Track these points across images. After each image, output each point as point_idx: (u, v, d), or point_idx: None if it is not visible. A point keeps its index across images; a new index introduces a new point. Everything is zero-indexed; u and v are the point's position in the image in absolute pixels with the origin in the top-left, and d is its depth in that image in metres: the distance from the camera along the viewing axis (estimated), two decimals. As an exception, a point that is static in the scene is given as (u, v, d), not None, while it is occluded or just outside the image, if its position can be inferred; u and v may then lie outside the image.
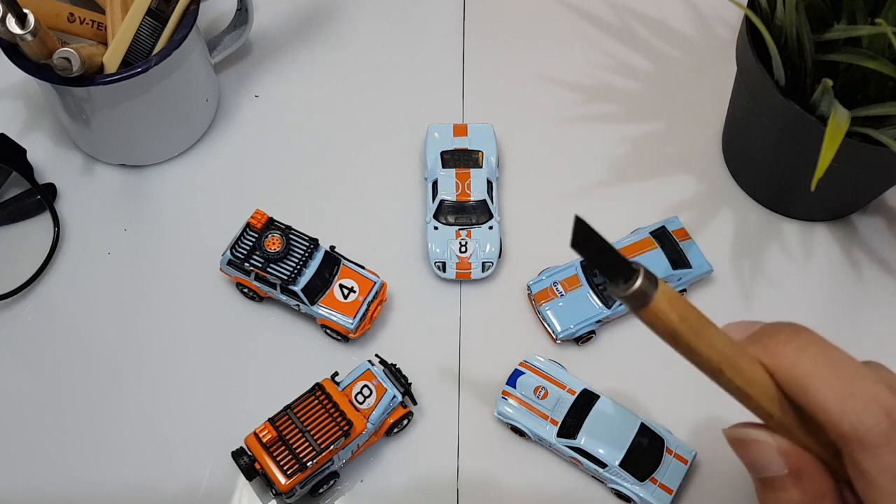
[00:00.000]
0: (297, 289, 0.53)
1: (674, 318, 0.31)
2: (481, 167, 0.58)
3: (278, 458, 0.47)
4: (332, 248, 0.55)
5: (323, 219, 0.59)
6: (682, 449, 0.50)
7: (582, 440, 0.49)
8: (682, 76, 0.65)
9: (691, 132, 0.63)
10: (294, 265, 0.53)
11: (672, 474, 0.50)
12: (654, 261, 0.54)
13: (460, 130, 0.60)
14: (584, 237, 0.32)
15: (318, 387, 0.50)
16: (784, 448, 0.33)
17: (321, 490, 0.50)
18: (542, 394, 0.52)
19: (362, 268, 0.54)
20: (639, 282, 0.30)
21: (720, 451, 0.52)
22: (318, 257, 0.54)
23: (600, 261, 0.31)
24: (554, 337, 0.54)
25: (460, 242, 0.56)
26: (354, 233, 0.58)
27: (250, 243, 0.53)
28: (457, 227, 0.57)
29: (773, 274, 0.58)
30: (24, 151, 0.59)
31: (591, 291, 0.54)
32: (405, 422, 0.52)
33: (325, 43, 0.67)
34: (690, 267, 0.55)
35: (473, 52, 0.66)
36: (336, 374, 0.51)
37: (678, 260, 0.55)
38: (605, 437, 0.50)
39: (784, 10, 0.48)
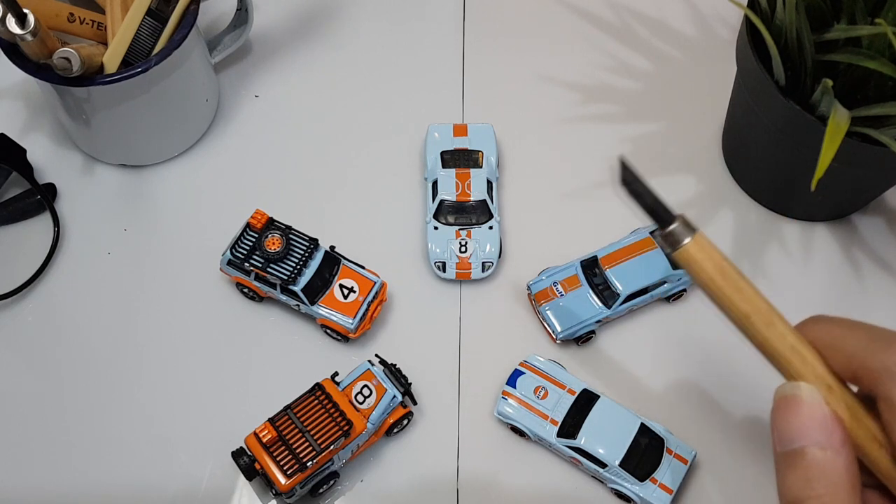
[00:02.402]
0: (297, 289, 0.53)
1: (706, 264, 0.34)
2: (481, 167, 0.58)
3: (278, 458, 0.47)
4: (332, 248, 0.55)
5: (323, 219, 0.59)
6: (682, 449, 0.50)
7: (582, 440, 0.49)
8: (682, 76, 0.65)
9: (691, 132, 0.63)
10: (294, 265, 0.53)
11: (672, 474, 0.50)
12: (654, 261, 0.54)
13: (460, 130, 0.60)
14: (629, 179, 0.35)
15: (318, 387, 0.50)
16: (828, 413, 0.33)
17: (321, 490, 0.50)
18: (542, 394, 0.52)
19: (362, 268, 0.54)
20: (673, 227, 0.34)
21: (720, 451, 0.52)
22: (318, 257, 0.54)
23: (644, 200, 0.35)
24: (554, 337, 0.54)
25: (460, 242, 0.56)
26: (354, 233, 0.58)
27: (250, 243, 0.53)
28: (457, 227, 0.57)
29: (773, 274, 0.58)
30: (24, 151, 0.59)
31: (591, 291, 0.54)
32: (405, 422, 0.52)
33: (325, 43, 0.67)
34: (690, 267, 0.55)
35: (473, 52, 0.66)
36: (336, 374, 0.51)
37: (678, 260, 0.55)
38: (605, 437, 0.50)
39: (784, 10, 0.48)
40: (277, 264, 0.53)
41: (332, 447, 0.48)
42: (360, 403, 0.50)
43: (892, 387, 0.32)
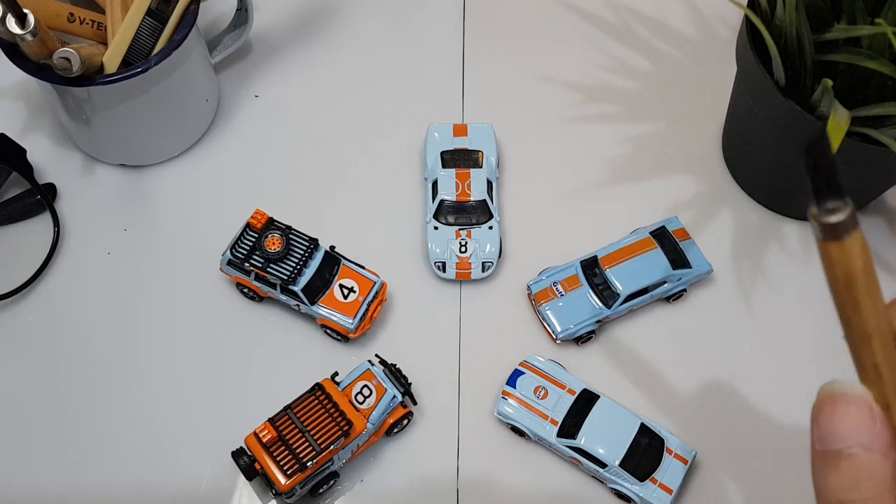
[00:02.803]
0: (297, 289, 0.53)
1: (858, 265, 0.32)
2: (481, 167, 0.58)
3: (278, 458, 0.47)
4: (332, 248, 0.55)
5: (323, 219, 0.59)
6: (682, 449, 0.50)
7: (582, 440, 0.49)
8: (682, 76, 0.65)
9: (691, 132, 0.63)
10: (294, 265, 0.53)
11: (672, 474, 0.50)
12: (654, 261, 0.54)
13: (460, 130, 0.60)
14: (818, 149, 0.31)
15: (318, 387, 0.50)
16: (882, 417, 0.31)
17: (321, 490, 0.50)
18: (542, 394, 0.52)
19: (362, 268, 0.54)
20: (842, 216, 0.31)
21: (720, 451, 0.52)
22: (318, 257, 0.54)
23: (817, 176, 0.31)
24: (554, 337, 0.54)
25: (460, 242, 0.56)
26: (354, 233, 0.58)
27: (250, 243, 0.53)
28: (457, 227, 0.57)
29: (773, 274, 0.58)
30: (24, 151, 0.59)
31: (590, 291, 0.54)
32: (405, 422, 0.52)
33: (325, 43, 0.67)
34: (690, 267, 0.55)
35: (473, 52, 0.66)
36: (336, 374, 0.51)
37: (678, 260, 0.55)
38: (605, 437, 0.50)
39: (784, 10, 0.48)
40: (277, 264, 0.53)
41: (332, 447, 0.48)
42: (360, 403, 0.50)
43: None
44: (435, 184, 0.58)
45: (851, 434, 0.31)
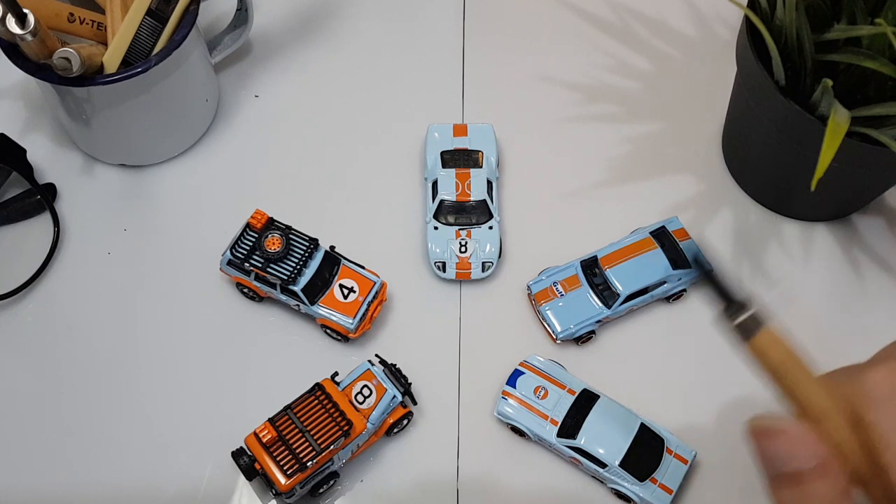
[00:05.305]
0: (297, 289, 0.53)
1: (773, 358, 0.36)
2: (481, 167, 0.58)
3: (278, 458, 0.47)
4: (332, 248, 0.55)
5: (323, 219, 0.59)
6: (682, 449, 0.50)
7: (582, 440, 0.49)
8: (682, 76, 0.65)
9: (691, 132, 0.63)
10: (294, 265, 0.53)
11: (672, 474, 0.50)
12: (654, 261, 0.54)
13: (460, 130, 0.60)
14: (703, 267, 0.37)
15: (318, 387, 0.50)
16: (813, 439, 0.33)
17: (321, 490, 0.50)
18: (542, 394, 0.52)
19: (362, 268, 0.54)
20: (741, 318, 0.37)
21: (720, 451, 0.52)
22: (318, 257, 0.54)
23: (716, 288, 0.37)
24: (554, 337, 0.54)
25: (460, 242, 0.56)
26: (354, 233, 0.58)
27: (250, 243, 0.53)
28: (457, 227, 0.57)
29: (773, 274, 0.58)
30: (24, 151, 0.59)
31: (590, 291, 0.54)
32: (405, 422, 0.52)
33: (325, 43, 0.67)
34: (690, 267, 0.55)
35: (473, 52, 0.66)
36: (336, 374, 0.51)
37: (678, 260, 0.55)
38: (605, 437, 0.50)
39: (784, 10, 0.48)
40: (277, 264, 0.53)
41: (332, 447, 0.48)
42: (360, 403, 0.50)
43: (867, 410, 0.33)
44: (435, 184, 0.58)
45: (796, 456, 0.34)
